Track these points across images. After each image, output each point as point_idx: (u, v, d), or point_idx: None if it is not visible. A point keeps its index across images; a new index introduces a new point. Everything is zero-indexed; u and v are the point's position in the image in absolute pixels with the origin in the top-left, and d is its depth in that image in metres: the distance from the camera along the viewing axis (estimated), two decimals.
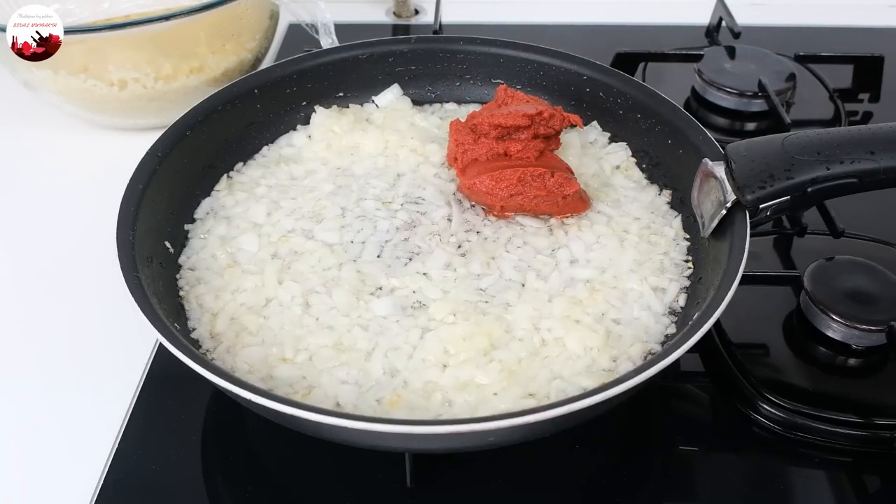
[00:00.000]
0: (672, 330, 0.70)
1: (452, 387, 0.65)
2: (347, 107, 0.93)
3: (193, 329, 0.70)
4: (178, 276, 0.74)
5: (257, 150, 0.89)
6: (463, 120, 0.83)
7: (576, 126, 0.83)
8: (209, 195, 0.83)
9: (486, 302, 0.71)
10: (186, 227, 0.79)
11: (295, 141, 0.90)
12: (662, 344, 0.69)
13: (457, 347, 0.67)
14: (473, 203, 0.81)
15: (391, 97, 0.94)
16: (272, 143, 0.90)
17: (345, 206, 0.81)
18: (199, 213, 0.81)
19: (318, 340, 0.68)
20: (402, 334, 0.69)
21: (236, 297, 0.72)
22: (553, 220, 0.79)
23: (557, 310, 0.70)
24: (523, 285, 0.73)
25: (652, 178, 0.85)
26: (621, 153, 0.87)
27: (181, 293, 0.73)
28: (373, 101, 0.94)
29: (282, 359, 0.67)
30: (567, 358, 0.67)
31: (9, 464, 0.70)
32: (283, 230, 0.78)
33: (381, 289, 0.73)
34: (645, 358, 0.67)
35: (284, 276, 0.74)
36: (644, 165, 0.86)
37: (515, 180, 0.77)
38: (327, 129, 0.89)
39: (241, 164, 0.87)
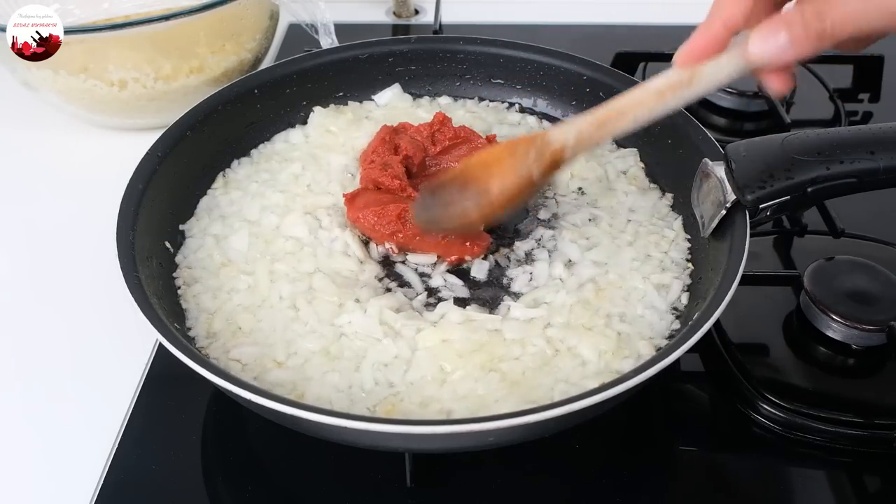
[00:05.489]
0: (677, 326, 0.70)
1: (451, 398, 0.64)
2: (346, 104, 0.92)
3: (190, 328, 0.70)
4: (175, 275, 0.74)
5: (254, 147, 0.89)
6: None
7: None
8: (206, 194, 0.83)
9: (486, 312, 0.71)
10: (184, 226, 0.79)
11: (291, 138, 0.90)
12: (669, 339, 0.69)
13: (454, 364, 0.66)
14: None
15: (391, 95, 0.94)
16: (268, 140, 0.90)
17: (340, 204, 0.81)
18: (197, 211, 0.81)
19: (309, 345, 0.68)
20: (396, 342, 0.67)
21: (232, 297, 0.72)
22: (556, 225, 0.79)
23: (563, 318, 0.69)
24: (524, 292, 0.73)
25: (653, 179, 0.84)
26: (630, 159, 0.86)
27: (179, 292, 0.73)
28: (373, 100, 0.94)
29: (275, 361, 0.67)
30: (580, 363, 0.66)
31: (9, 464, 0.70)
32: (274, 228, 0.78)
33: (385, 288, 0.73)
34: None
35: (275, 275, 0.73)
36: (645, 166, 0.86)
37: (395, 217, 0.75)
38: (324, 129, 0.89)
39: (236, 161, 0.87)
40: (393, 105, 0.93)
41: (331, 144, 0.88)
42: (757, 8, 0.57)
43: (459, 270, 0.75)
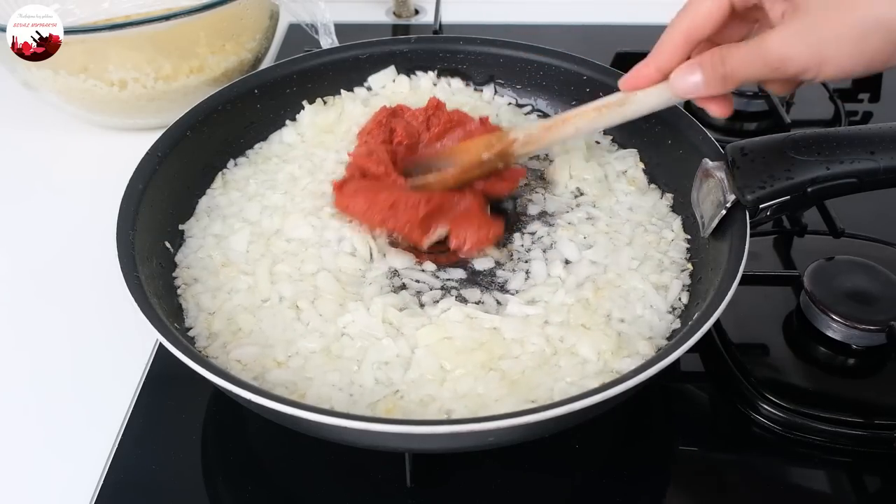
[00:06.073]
0: (677, 326, 0.70)
1: (451, 398, 0.64)
2: (339, 93, 0.92)
3: (190, 328, 0.70)
4: (175, 275, 0.74)
5: (250, 148, 0.89)
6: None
7: None
8: (206, 194, 0.83)
9: (485, 310, 0.71)
10: (183, 226, 0.79)
11: (286, 137, 0.90)
12: (669, 339, 0.69)
13: (454, 362, 0.66)
14: None
15: (384, 78, 0.94)
16: (265, 140, 0.90)
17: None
18: (197, 211, 0.81)
19: (310, 345, 0.68)
20: (396, 341, 0.67)
21: (232, 297, 0.72)
22: (553, 223, 0.79)
23: (561, 317, 0.69)
24: (521, 290, 0.73)
25: (652, 179, 0.84)
26: (629, 159, 0.86)
27: (179, 292, 0.73)
28: (366, 84, 0.94)
29: (275, 361, 0.67)
30: (579, 363, 0.66)
31: (9, 464, 0.70)
32: (275, 229, 0.78)
33: (391, 286, 0.73)
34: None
35: (275, 276, 0.73)
36: (645, 166, 0.86)
37: (387, 206, 0.75)
38: (316, 127, 0.89)
39: (233, 161, 0.87)
40: (390, 90, 0.92)
41: (326, 141, 0.88)
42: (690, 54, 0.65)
43: (459, 267, 0.75)
